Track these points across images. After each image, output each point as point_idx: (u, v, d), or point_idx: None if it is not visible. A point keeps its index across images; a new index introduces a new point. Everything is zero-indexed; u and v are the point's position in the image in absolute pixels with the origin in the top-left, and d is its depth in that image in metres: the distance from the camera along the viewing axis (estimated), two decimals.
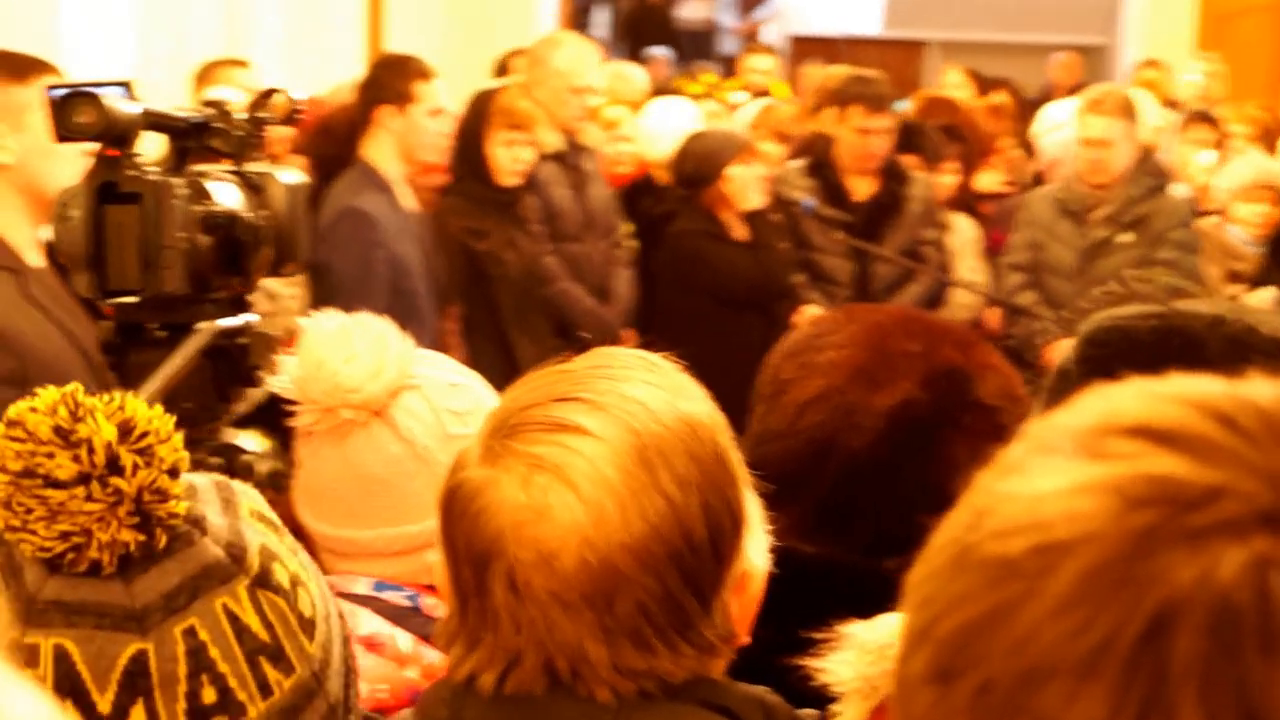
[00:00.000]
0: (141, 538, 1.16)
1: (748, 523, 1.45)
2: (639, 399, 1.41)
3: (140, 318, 2.21)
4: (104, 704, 1.13)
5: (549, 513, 1.35)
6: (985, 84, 9.14)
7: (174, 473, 1.17)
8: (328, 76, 7.08)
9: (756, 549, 1.47)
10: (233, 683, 1.16)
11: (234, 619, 1.17)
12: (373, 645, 1.89)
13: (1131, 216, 5.81)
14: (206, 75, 5.98)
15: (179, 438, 1.17)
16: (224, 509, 1.22)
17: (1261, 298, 5.79)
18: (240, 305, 2.27)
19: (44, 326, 3.01)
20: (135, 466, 1.15)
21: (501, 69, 7.62)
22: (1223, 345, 1.19)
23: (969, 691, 0.69)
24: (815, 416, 1.89)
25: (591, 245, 5.76)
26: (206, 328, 2.18)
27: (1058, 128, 6.80)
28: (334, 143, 5.50)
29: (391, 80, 5.06)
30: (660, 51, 13.63)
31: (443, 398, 1.98)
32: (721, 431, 1.45)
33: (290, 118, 2.31)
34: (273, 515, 1.27)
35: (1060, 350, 1.27)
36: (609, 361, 1.47)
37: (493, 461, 1.38)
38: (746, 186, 5.76)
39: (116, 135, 2.09)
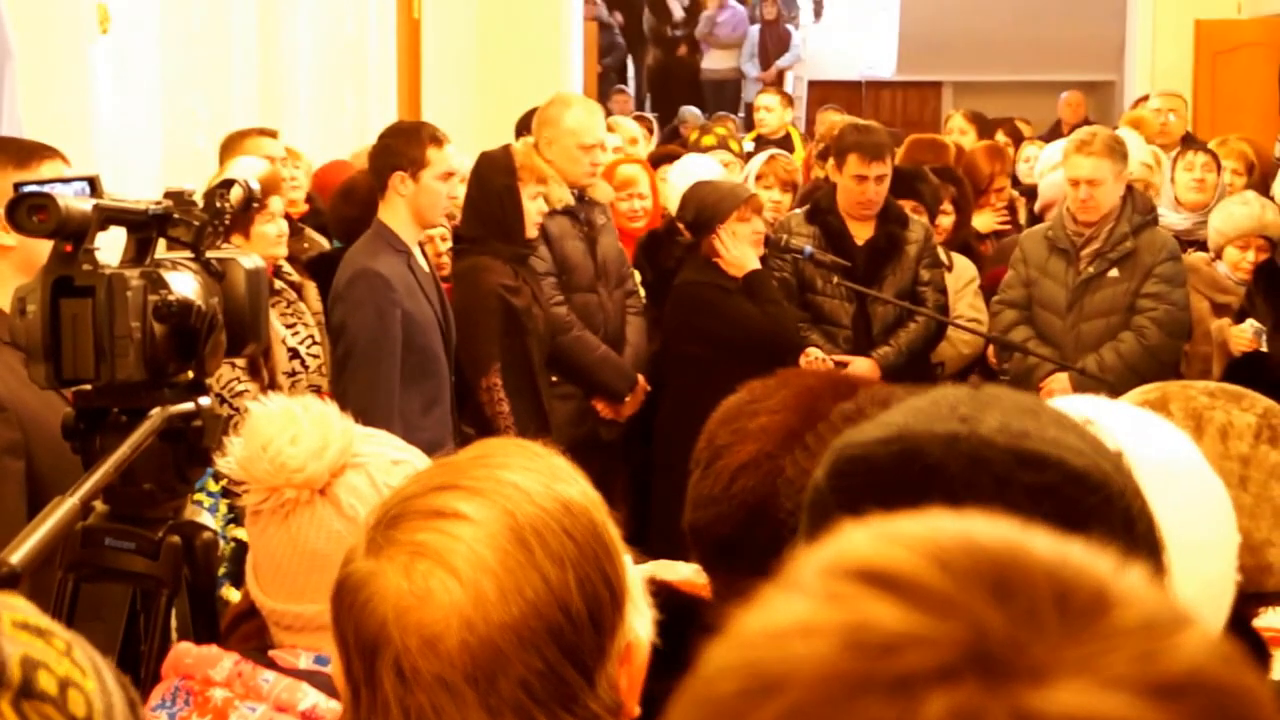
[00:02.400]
0: None
1: (629, 596, 1.50)
2: (514, 483, 1.46)
3: (101, 403, 2.31)
4: None
5: (431, 597, 1.39)
6: (989, 125, 9.35)
7: None
8: (365, 140, 7.12)
9: (640, 621, 1.51)
10: None
11: None
12: None
13: (1119, 252, 6.00)
14: (235, 144, 6.06)
15: None
16: None
17: (1242, 329, 6.08)
18: (197, 389, 2.38)
19: (50, 401, 2.95)
20: None
21: (523, 128, 7.84)
22: (961, 464, 1.20)
23: None
24: (747, 481, 1.91)
25: (605, 295, 6.00)
26: (158, 414, 2.28)
27: (1054, 167, 6.93)
28: (355, 205, 5.76)
29: (403, 147, 5.21)
30: (691, 111, 13.83)
31: (385, 475, 2.03)
32: (598, 510, 1.51)
33: (248, 206, 2.46)
34: (40, 621, 1.23)
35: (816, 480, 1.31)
36: (487, 451, 1.54)
37: (376, 552, 1.44)
38: (740, 250, 5.89)
39: (71, 232, 2.21)
